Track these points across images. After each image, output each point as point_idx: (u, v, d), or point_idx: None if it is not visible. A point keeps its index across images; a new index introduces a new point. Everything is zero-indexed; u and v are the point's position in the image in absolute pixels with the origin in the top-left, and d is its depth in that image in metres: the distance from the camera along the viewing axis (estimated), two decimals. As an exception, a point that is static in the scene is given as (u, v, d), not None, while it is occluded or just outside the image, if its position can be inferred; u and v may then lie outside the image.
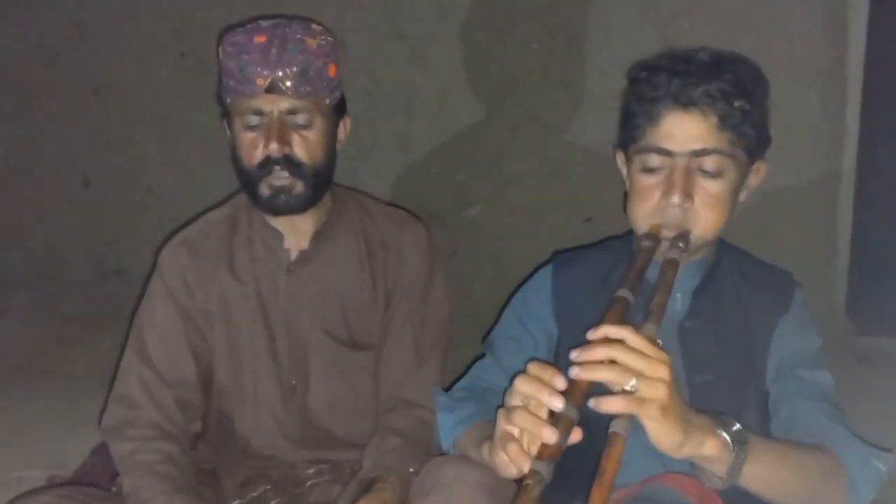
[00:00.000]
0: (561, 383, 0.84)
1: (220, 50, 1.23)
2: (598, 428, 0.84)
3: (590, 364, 0.83)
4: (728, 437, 0.88)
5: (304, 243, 1.32)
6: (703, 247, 1.11)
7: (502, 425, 0.86)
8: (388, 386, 1.32)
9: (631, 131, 1.10)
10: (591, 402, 0.82)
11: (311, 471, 1.30)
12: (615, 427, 0.82)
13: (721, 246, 1.18)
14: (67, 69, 2.39)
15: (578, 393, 0.84)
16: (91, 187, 2.46)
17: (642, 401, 0.81)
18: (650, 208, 1.06)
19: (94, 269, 2.49)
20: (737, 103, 1.02)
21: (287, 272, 1.31)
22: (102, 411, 1.30)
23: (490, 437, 0.94)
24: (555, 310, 1.22)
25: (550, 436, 0.81)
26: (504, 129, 2.16)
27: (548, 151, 2.16)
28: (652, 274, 1.04)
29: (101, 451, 1.42)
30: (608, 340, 0.84)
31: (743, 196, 1.11)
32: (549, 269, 1.26)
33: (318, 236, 1.32)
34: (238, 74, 1.19)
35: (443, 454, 1.20)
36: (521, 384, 0.86)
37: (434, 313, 1.36)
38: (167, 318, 1.29)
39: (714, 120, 1.02)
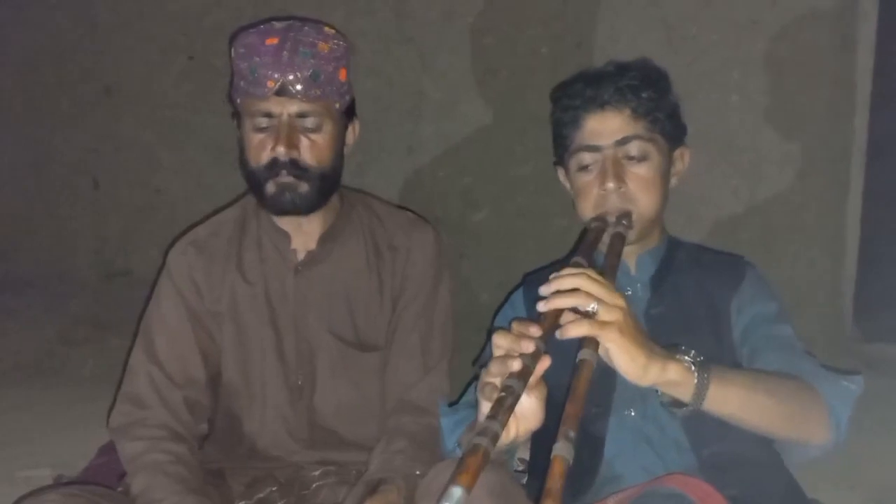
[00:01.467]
0: (535, 331, 0.92)
1: (233, 50, 1.24)
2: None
3: (557, 293, 0.92)
4: (688, 360, 0.95)
5: (312, 244, 1.33)
6: (649, 232, 1.22)
7: (483, 380, 0.93)
8: (395, 388, 1.32)
9: (562, 140, 1.24)
10: (557, 333, 0.90)
11: (317, 472, 1.31)
12: (582, 355, 0.89)
13: (671, 239, 1.29)
14: (77, 70, 2.41)
15: (545, 329, 0.92)
16: (100, 188, 2.47)
17: (601, 323, 0.89)
18: (592, 201, 1.19)
19: (102, 270, 2.50)
20: (644, 94, 1.18)
21: (294, 273, 1.32)
22: (110, 410, 1.30)
23: None
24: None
25: (515, 363, 0.88)
26: (512, 133, 2.17)
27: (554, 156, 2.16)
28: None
29: (108, 450, 1.43)
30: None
31: (674, 182, 1.24)
32: (520, 289, 1.35)
33: (326, 237, 1.33)
34: (249, 76, 1.20)
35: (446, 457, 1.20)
36: (498, 338, 0.93)
37: (441, 315, 1.36)
38: (175, 318, 1.29)
39: (627, 111, 1.17)
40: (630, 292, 1.21)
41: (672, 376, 0.93)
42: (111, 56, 2.38)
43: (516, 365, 0.88)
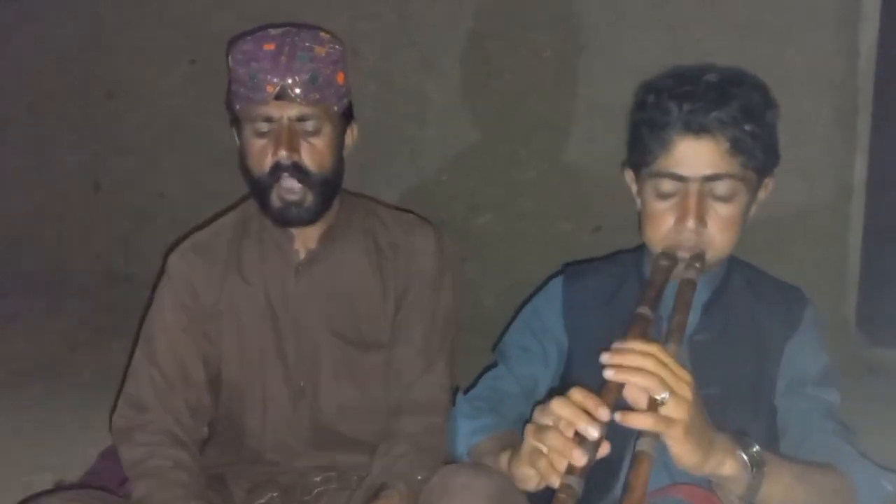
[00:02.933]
0: (605, 414, 0.83)
1: (230, 57, 1.24)
2: (618, 453, 0.85)
3: (624, 368, 0.83)
4: (747, 459, 0.89)
5: (313, 244, 1.33)
6: (716, 263, 1.13)
7: (531, 441, 0.87)
8: (397, 388, 1.31)
9: (643, 156, 1.10)
10: (618, 416, 0.82)
11: (319, 478, 1.30)
12: (642, 446, 0.82)
13: (731, 261, 1.19)
14: (80, 74, 2.41)
15: (608, 401, 0.84)
16: (102, 191, 2.48)
17: (669, 420, 0.82)
18: (665, 232, 1.08)
19: (103, 274, 2.50)
20: (747, 127, 1.04)
21: (295, 273, 1.32)
22: (112, 413, 1.30)
23: (509, 447, 0.96)
24: (566, 322, 1.23)
25: (580, 457, 0.81)
26: (515, 137, 2.17)
27: (559, 159, 2.16)
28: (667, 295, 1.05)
29: (109, 455, 1.42)
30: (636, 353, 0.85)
31: (752, 211, 1.13)
32: (559, 280, 1.27)
33: (327, 237, 1.33)
34: (248, 81, 1.20)
35: (452, 461, 1.20)
36: (559, 408, 0.84)
37: (443, 315, 1.36)
38: (176, 322, 1.29)
39: (726, 146, 1.04)
40: None
41: (727, 472, 0.88)
42: (114, 60, 2.38)
43: (579, 459, 0.80)
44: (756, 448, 0.90)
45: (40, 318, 2.45)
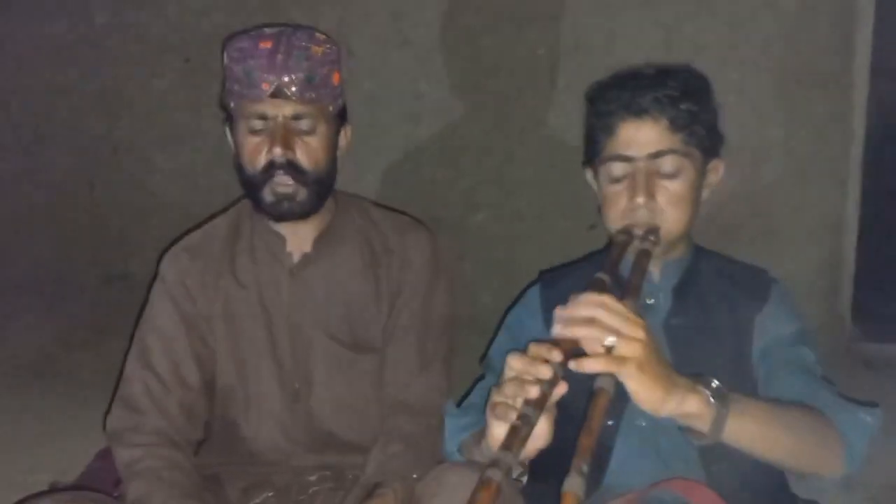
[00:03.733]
0: (556, 355, 0.88)
1: (225, 55, 1.24)
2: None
3: (571, 321, 0.88)
4: (708, 392, 0.92)
5: (307, 247, 1.33)
6: (676, 245, 1.18)
7: (494, 398, 0.90)
8: (392, 389, 1.31)
9: (593, 145, 1.19)
10: (572, 364, 0.86)
11: (314, 477, 1.30)
12: (600, 382, 0.86)
13: (697, 248, 1.25)
14: (74, 74, 2.41)
15: (563, 351, 0.88)
16: (97, 192, 2.47)
17: (620, 359, 0.85)
18: (620, 212, 1.14)
19: (99, 274, 2.50)
20: (683, 106, 1.11)
21: (290, 275, 1.32)
22: (106, 414, 1.30)
23: None
24: (547, 325, 1.23)
25: (533, 389, 0.85)
26: (510, 135, 2.17)
27: (554, 157, 2.16)
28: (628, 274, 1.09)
29: (105, 455, 1.42)
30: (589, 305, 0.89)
31: (705, 194, 1.19)
32: (536, 288, 1.31)
33: (321, 239, 1.33)
34: (244, 79, 1.20)
35: (444, 460, 1.20)
36: (514, 361, 0.90)
37: (438, 317, 1.36)
38: (169, 324, 1.29)
39: (665, 123, 1.11)
40: (652, 301, 1.18)
41: (690, 409, 0.90)
42: (108, 59, 2.38)
43: (533, 392, 0.85)
44: (716, 383, 0.93)
45: (36, 318, 2.45)
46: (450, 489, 1.01)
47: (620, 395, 0.94)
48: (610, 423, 1.12)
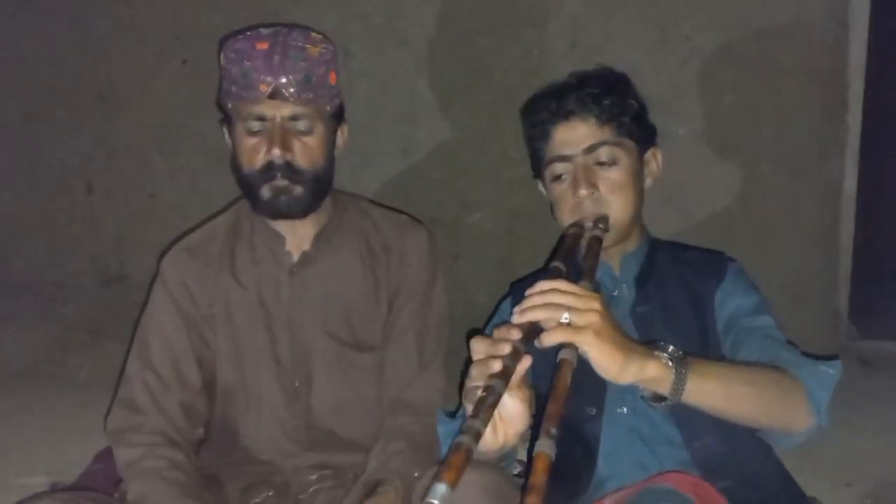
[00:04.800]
0: (515, 333, 0.93)
1: (222, 56, 1.25)
2: (582, 436, 0.93)
3: (527, 308, 0.93)
4: (666, 356, 0.96)
5: (306, 246, 1.33)
6: (629, 234, 1.24)
7: (466, 385, 0.94)
8: (392, 388, 1.32)
9: (535, 154, 1.29)
10: (536, 343, 0.91)
11: (314, 476, 1.30)
12: (563, 354, 0.90)
13: (652, 240, 1.32)
14: (71, 75, 2.40)
15: (524, 334, 0.93)
16: (94, 194, 2.46)
17: (577, 329, 0.90)
18: (568, 208, 1.22)
19: (97, 276, 2.49)
20: (606, 101, 1.22)
21: (289, 274, 1.32)
22: (107, 415, 1.30)
23: None
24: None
25: (496, 364, 0.89)
26: (507, 135, 2.16)
27: (550, 156, 2.16)
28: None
29: (104, 457, 1.43)
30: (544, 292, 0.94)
31: (648, 182, 1.28)
32: (508, 299, 1.37)
33: (320, 238, 1.34)
34: (241, 80, 1.20)
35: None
36: (476, 344, 0.94)
37: (436, 316, 1.37)
38: (170, 324, 1.30)
39: (592, 119, 1.22)
40: (616, 293, 1.24)
41: (650, 373, 0.94)
42: (105, 61, 2.37)
43: (497, 366, 0.89)
44: (672, 347, 0.97)
45: (34, 320, 2.44)
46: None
47: (598, 384, 1.01)
48: (592, 412, 1.16)
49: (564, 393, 0.87)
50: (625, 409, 1.17)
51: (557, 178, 1.23)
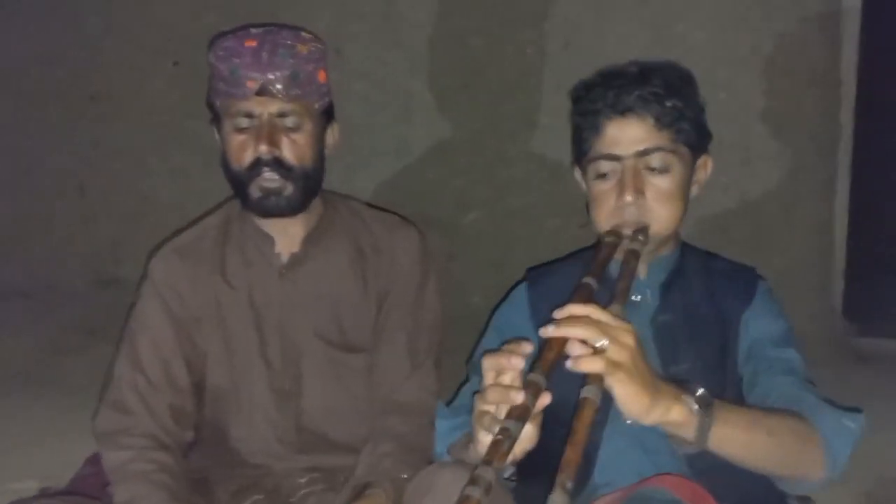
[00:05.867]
0: (528, 347, 0.89)
1: (211, 54, 1.25)
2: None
3: (563, 325, 0.87)
4: (693, 401, 0.91)
5: (296, 247, 1.32)
6: (664, 242, 1.17)
7: (478, 406, 0.91)
8: (383, 389, 1.31)
9: (580, 144, 1.18)
10: (568, 363, 0.86)
11: (305, 479, 1.29)
12: (586, 392, 0.85)
13: (684, 245, 1.24)
14: (64, 77, 2.40)
15: (546, 363, 0.88)
16: (88, 195, 2.46)
17: (613, 364, 0.85)
18: (608, 211, 1.13)
19: (91, 278, 2.49)
20: (669, 103, 1.11)
21: (279, 276, 1.31)
22: (94, 416, 1.29)
23: None
24: (534, 323, 1.24)
25: (517, 396, 0.85)
26: (502, 135, 2.17)
27: (545, 156, 2.17)
28: (615, 272, 1.09)
29: (95, 461, 1.41)
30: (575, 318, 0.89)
31: (694, 191, 1.19)
32: (523, 286, 1.30)
33: (310, 239, 1.33)
34: (229, 77, 1.20)
35: (435, 461, 1.20)
36: (487, 361, 0.90)
37: (427, 317, 1.36)
38: (158, 325, 1.29)
39: (651, 121, 1.11)
40: (639, 298, 1.18)
41: (675, 417, 0.90)
42: (98, 63, 2.37)
43: (517, 398, 0.84)
44: (701, 391, 0.92)
45: (26, 323, 2.43)
46: (440, 489, 1.00)
47: (606, 392, 0.94)
48: (597, 419, 1.11)
49: (585, 440, 0.81)
50: (629, 419, 1.14)
51: (601, 176, 1.14)
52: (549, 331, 0.88)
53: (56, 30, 2.38)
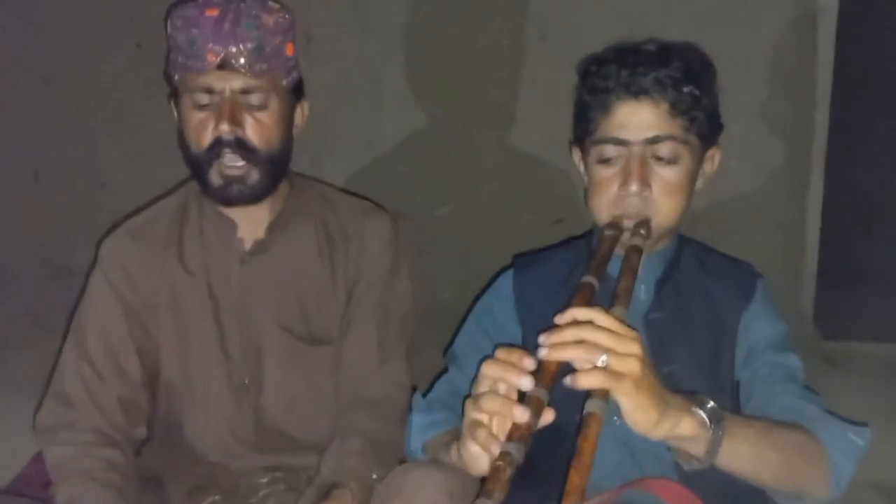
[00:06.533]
0: (530, 363, 0.82)
1: (169, 24, 1.16)
2: (567, 431, 0.82)
3: (559, 344, 0.81)
4: (704, 415, 0.86)
5: (260, 233, 1.25)
6: (664, 236, 1.11)
7: (470, 413, 0.83)
8: (350, 384, 1.25)
9: (585, 124, 1.10)
10: (567, 380, 0.80)
11: (265, 479, 1.23)
12: (590, 407, 0.79)
13: (681, 239, 1.19)
14: (15, 58, 2.29)
15: (548, 375, 0.81)
16: (41, 182, 2.37)
17: (617, 376, 0.79)
18: (610, 199, 1.06)
19: (42, 268, 2.39)
20: (686, 89, 1.04)
21: (241, 263, 1.24)
22: (37, 410, 1.21)
23: (459, 438, 0.90)
24: (518, 312, 1.20)
25: (521, 415, 0.78)
26: (474, 126, 2.13)
27: (518, 149, 2.13)
28: (614, 269, 1.03)
29: (41, 459, 1.33)
30: (577, 323, 0.83)
31: (699, 184, 1.12)
32: (509, 272, 1.25)
33: (275, 225, 1.25)
34: (187, 49, 1.12)
35: (406, 460, 1.15)
36: (488, 368, 0.83)
37: (398, 307, 1.30)
38: (108, 313, 1.21)
39: (665, 107, 1.04)
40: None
41: (684, 431, 0.84)
42: (53, 45, 2.27)
43: (522, 416, 0.77)
44: (712, 404, 0.87)
45: (-28, 313, 2.33)
46: (412, 490, 0.95)
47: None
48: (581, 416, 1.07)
49: (591, 461, 0.75)
50: (618, 420, 1.09)
51: (605, 161, 1.06)
52: (544, 354, 0.81)
53: (6, 9, 2.27)
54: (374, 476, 1.13)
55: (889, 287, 2.30)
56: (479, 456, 0.82)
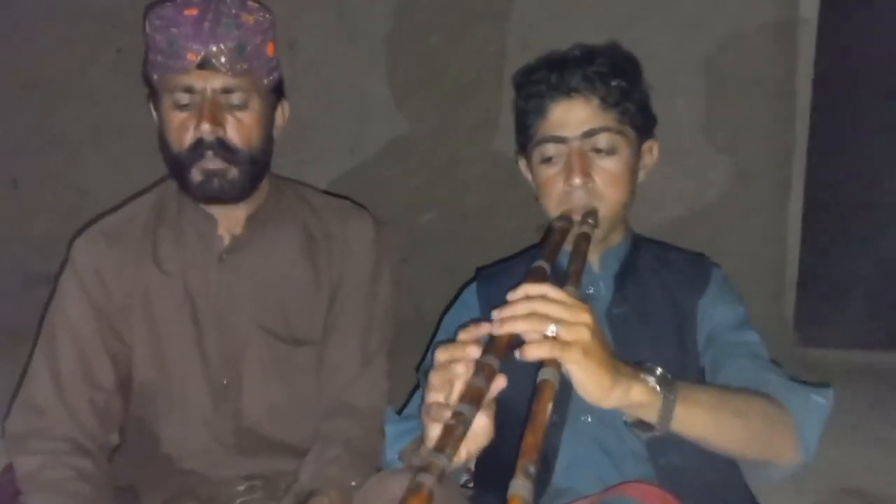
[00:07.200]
0: (485, 328, 0.84)
1: (147, 24, 1.15)
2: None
3: (510, 318, 0.83)
4: (654, 380, 0.88)
5: (238, 230, 1.23)
6: (614, 228, 1.16)
7: (427, 397, 0.85)
8: (333, 388, 1.23)
9: (525, 130, 1.16)
10: (516, 353, 0.81)
11: (243, 487, 1.20)
12: (544, 374, 0.79)
13: (636, 236, 1.23)
14: (-2, 64, 2.26)
15: (500, 348, 0.83)
16: (20, 189, 2.33)
17: (564, 344, 0.80)
18: (558, 196, 1.11)
19: (21, 276, 2.35)
20: (614, 83, 1.10)
21: (219, 261, 1.21)
22: (5, 417, 1.18)
23: None
24: None
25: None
26: (459, 134, 2.13)
27: (502, 157, 2.13)
28: (566, 263, 1.05)
29: (12, 468, 1.30)
30: (529, 298, 0.84)
31: (641, 176, 1.18)
32: (473, 285, 1.28)
33: (254, 221, 1.23)
34: (167, 49, 1.11)
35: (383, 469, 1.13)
36: (440, 352, 0.85)
37: (381, 309, 1.28)
38: (79, 316, 1.18)
39: (596, 101, 1.10)
40: (592, 290, 1.15)
41: (636, 398, 0.85)
42: (31, 49, 2.25)
43: (476, 381, 0.79)
44: (661, 370, 0.89)
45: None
46: (389, 499, 0.93)
47: (563, 389, 0.88)
48: (554, 420, 1.06)
49: (545, 422, 0.75)
50: (590, 418, 1.08)
51: (547, 160, 1.11)
52: (495, 328, 0.84)
53: (-11, 14, 2.25)
54: (353, 483, 1.11)
55: (868, 296, 2.33)
56: (436, 434, 0.82)
